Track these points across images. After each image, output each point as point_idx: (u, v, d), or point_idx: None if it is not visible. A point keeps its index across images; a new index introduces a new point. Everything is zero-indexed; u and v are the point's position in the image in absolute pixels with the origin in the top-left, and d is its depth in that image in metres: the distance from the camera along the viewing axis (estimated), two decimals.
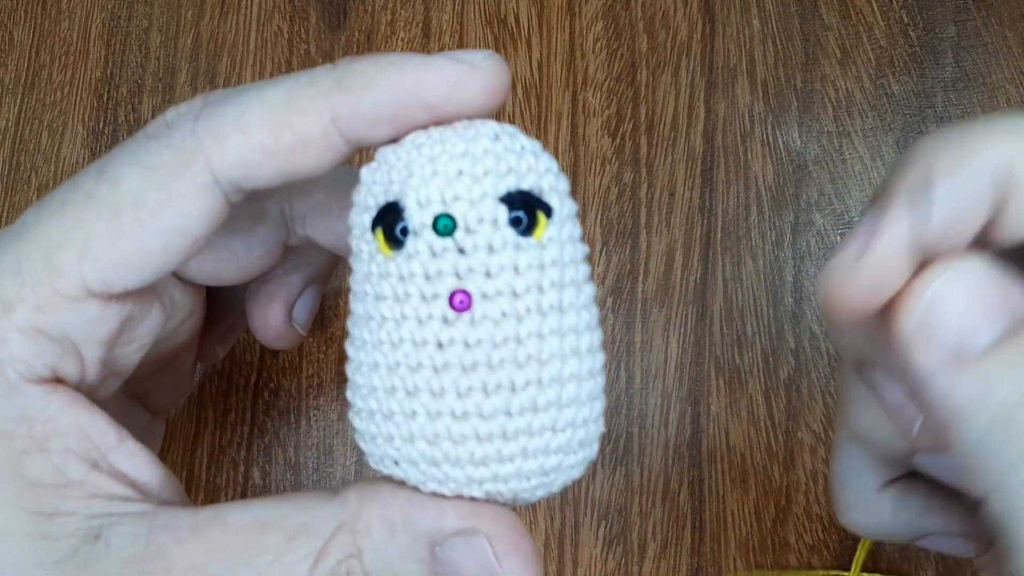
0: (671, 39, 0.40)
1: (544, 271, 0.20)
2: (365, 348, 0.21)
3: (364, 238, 0.21)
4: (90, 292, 0.21)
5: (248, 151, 0.20)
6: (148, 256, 0.21)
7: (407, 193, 0.20)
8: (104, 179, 0.21)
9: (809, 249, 0.37)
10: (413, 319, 0.20)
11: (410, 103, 0.20)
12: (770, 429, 0.35)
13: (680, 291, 0.37)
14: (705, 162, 0.38)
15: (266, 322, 0.29)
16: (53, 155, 0.39)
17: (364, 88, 0.20)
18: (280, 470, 0.35)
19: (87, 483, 0.21)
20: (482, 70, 0.20)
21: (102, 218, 0.21)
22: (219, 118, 0.21)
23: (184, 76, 0.40)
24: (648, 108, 0.39)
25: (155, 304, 0.24)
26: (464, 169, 0.20)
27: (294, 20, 0.40)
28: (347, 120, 0.20)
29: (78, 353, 0.22)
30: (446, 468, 0.20)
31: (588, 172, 0.38)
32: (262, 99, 0.21)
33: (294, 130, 0.20)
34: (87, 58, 0.40)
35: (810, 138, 0.38)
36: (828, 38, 0.39)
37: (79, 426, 0.21)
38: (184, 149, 0.21)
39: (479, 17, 0.40)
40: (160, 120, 0.22)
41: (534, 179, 0.20)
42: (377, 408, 0.20)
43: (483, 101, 0.21)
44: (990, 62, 0.39)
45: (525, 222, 0.20)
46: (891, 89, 0.39)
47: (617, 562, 0.34)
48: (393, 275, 0.20)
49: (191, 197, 0.21)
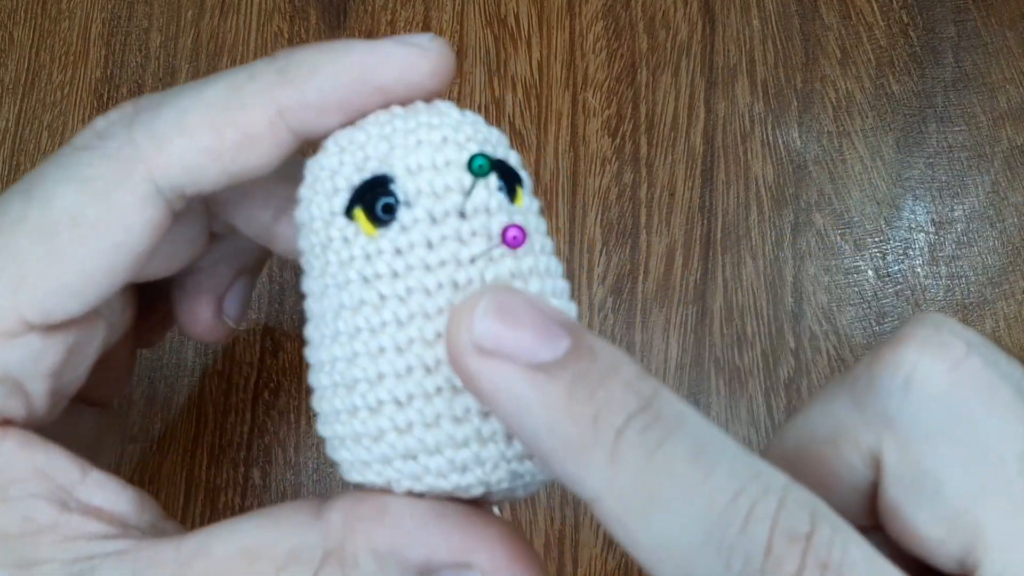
0: (671, 39, 0.39)
1: (532, 236, 0.20)
2: (359, 337, 0.19)
3: (335, 225, 0.20)
4: (29, 325, 0.20)
5: (191, 154, 0.19)
6: (90, 279, 0.20)
7: (394, 164, 0.19)
8: (34, 199, 0.20)
9: (809, 249, 0.37)
10: (421, 291, 0.19)
11: (360, 88, 0.20)
12: (770, 430, 0.35)
13: (680, 291, 0.37)
14: (705, 162, 0.38)
15: (195, 316, 0.27)
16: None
17: (309, 76, 0.20)
18: (280, 470, 0.35)
19: (59, 526, 0.19)
20: (431, 51, 0.20)
21: (36, 242, 0.19)
22: (157, 122, 0.20)
23: (184, 77, 0.40)
24: (648, 108, 0.39)
25: (99, 322, 0.22)
26: (448, 136, 0.19)
27: (294, 20, 0.40)
28: (294, 111, 0.20)
29: (22, 390, 0.20)
30: (464, 451, 0.19)
31: (588, 172, 0.38)
32: (201, 98, 0.20)
33: (239, 127, 0.19)
34: (87, 58, 0.40)
35: (810, 138, 0.38)
36: (828, 38, 0.39)
37: (38, 468, 0.20)
38: (121, 158, 0.19)
39: (479, 17, 0.40)
40: (89, 130, 0.21)
41: (504, 151, 0.20)
42: (388, 398, 0.19)
43: (432, 82, 0.20)
44: (990, 62, 0.39)
45: (505, 189, 0.20)
46: (891, 89, 0.39)
47: (617, 562, 0.34)
48: (386, 251, 0.19)
49: (133, 209, 0.19)
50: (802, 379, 0.35)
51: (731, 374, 0.36)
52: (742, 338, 0.36)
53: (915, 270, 0.37)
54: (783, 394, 0.35)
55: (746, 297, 0.36)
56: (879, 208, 0.37)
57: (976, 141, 0.38)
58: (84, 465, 0.21)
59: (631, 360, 0.17)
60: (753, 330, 0.36)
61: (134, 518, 0.21)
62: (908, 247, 0.37)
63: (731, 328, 0.36)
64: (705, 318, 0.36)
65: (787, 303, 0.36)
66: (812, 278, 0.37)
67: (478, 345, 0.16)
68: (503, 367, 0.16)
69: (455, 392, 0.18)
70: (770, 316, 0.36)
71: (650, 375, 0.17)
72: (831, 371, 0.35)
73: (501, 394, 0.16)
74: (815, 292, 0.36)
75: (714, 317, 0.36)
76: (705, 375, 0.36)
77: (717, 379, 0.36)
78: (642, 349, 0.36)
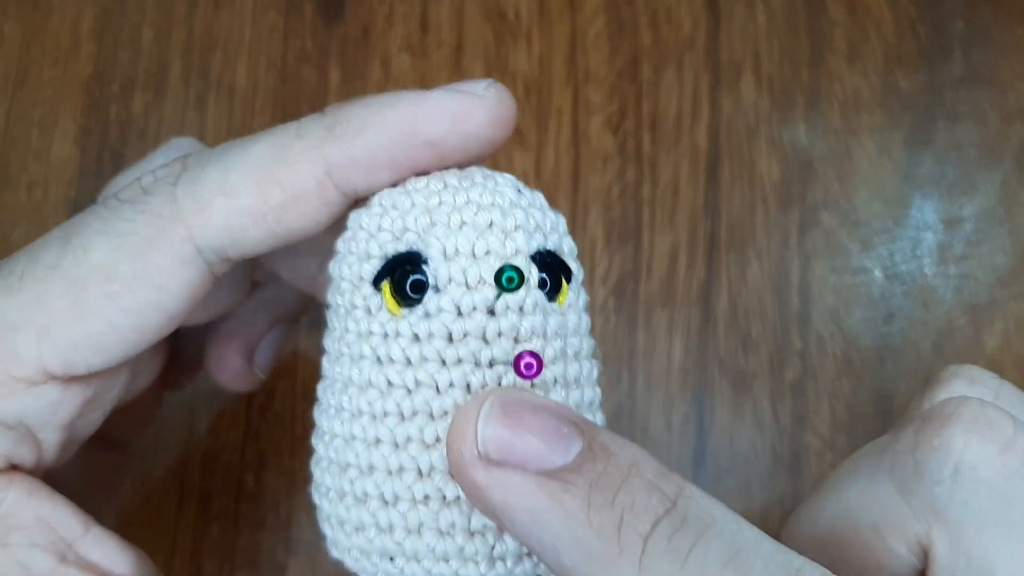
0: (674, 34, 0.39)
1: (567, 340, 0.18)
2: (359, 420, 0.18)
3: (360, 292, 0.18)
4: (49, 375, 0.19)
5: (234, 215, 0.19)
6: (117, 335, 0.19)
7: (430, 243, 0.18)
8: (70, 248, 0.19)
9: (816, 249, 0.36)
10: (430, 387, 0.17)
11: (410, 143, 0.18)
12: (775, 434, 0.34)
13: (684, 292, 0.36)
14: (709, 160, 0.37)
15: (224, 363, 0.27)
16: (44, 153, 0.38)
17: (358, 132, 0.18)
18: (274, 475, 0.35)
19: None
20: (486, 99, 0.19)
21: (65, 293, 0.19)
22: (200, 181, 0.19)
23: (177, 72, 0.39)
24: (651, 105, 0.38)
25: (122, 375, 0.22)
26: (495, 221, 0.18)
27: (289, 14, 0.39)
28: (342, 169, 0.18)
29: (34, 439, 0.20)
30: (456, 565, 0.18)
31: (589, 170, 0.37)
32: (246, 156, 0.19)
33: (283, 187, 0.18)
34: (78, 54, 0.39)
35: (816, 136, 0.37)
36: (835, 34, 0.39)
37: (41, 517, 0.20)
38: (162, 216, 0.19)
39: (478, 11, 0.39)
40: (135, 184, 0.20)
41: (556, 240, 0.19)
42: (375, 493, 0.18)
43: (490, 133, 0.19)
44: (999, 58, 0.38)
45: (549, 285, 0.18)
46: (899, 86, 0.38)
47: None
48: (404, 336, 0.18)
49: (169, 270, 0.19)
50: (808, 383, 0.35)
51: (736, 377, 0.35)
52: (747, 340, 0.35)
53: (923, 270, 0.36)
54: (789, 397, 0.35)
55: (751, 298, 0.36)
56: (887, 207, 0.37)
57: (985, 139, 0.37)
58: (87, 520, 0.20)
59: (648, 456, 0.16)
60: (758, 332, 0.35)
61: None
62: (916, 247, 0.36)
63: (736, 330, 0.35)
64: (709, 320, 0.36)
65: (793, 304, 0.36)
66: (819, 279, 0.36)
67: (485, 455, 0.16)
68: (513, 478, 0.15)
69: (443, 504, 0.17)
70: (776, 318, 0.35)
71: (671, 471, 0.16)
72: (838, 374, 0.35)
73: (514, 508, 0.15)
74: (821, 293, 0.36)
75: (718, 318, 0.36)
76: (709, 378, 0.35)
77: (722, 382, 0.35)
78: (645, 352, 0.35)
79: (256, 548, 0.34)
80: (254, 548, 0.34)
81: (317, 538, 0.34)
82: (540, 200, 0.19)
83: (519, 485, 0.15)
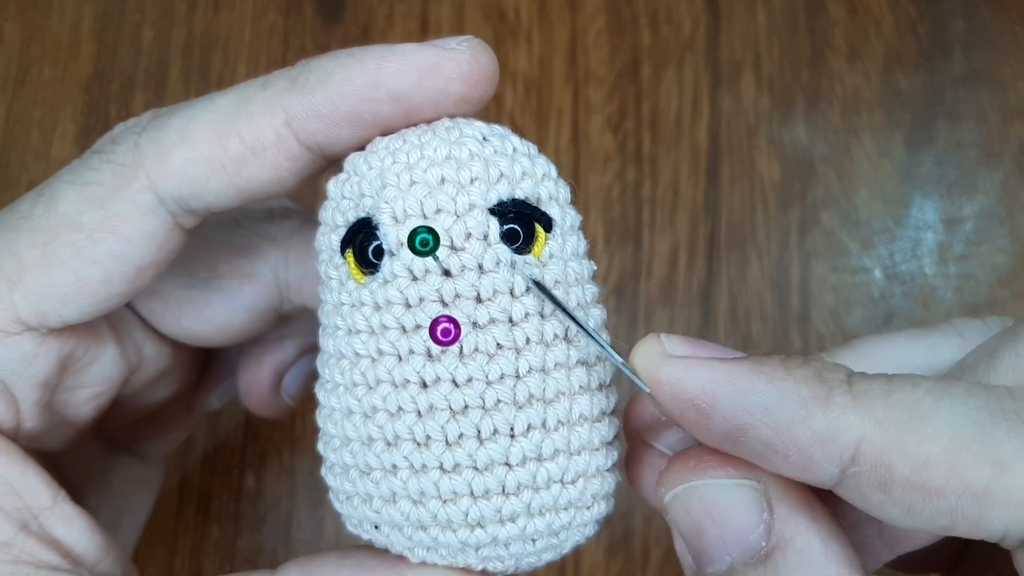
0: (675, 34, 0.39)
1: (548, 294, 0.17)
2: (336, 392, 0.18)
3: (332, 262, 0.18)
4: (24, 325, 0.19)
5: (192, 164, 0.18)
6: (86, 286, 0.19)
7: (381, 207, 0.17)
8: (41, 199, 0.19)
9: (816, 248, 0.36)
10: (391, 355, 0.17)
11: (373, 95, 0.18)
12: None
13: (684, 292, 0.36)
14: (709, 160, 0.37)
15: (253, 387, 0.26)
16: (44, 152, 0.38)
17: (320, 83, 0.18)
18: (274, 475, 0.34)
19: (13, 546, 0.19)
20: (456, 52, 0.18)
21: (35, 243, 0.19)
22: (163, 130, 0.19)
23: (177, 72, 0.39)
24: (651, 104, 0.38)
25: (108, 347, 0.22)
26: (447, 176, 0.17)
27: (289, 14, 0.39)
28: (302, 121, 0.18)
29: (9, 394, 0.20)
30: (435, 532, 0.17)
31: (590, 170, 0.37)
32: (210, 106, 0.18)
33: (243, 137, 0.18)
34: (78, 54, 0.39)
35: (817, 135, 0.37)
36: (835, 33, 0.39)
37: (8, 481, 0.19)
38: (125, 164, 0.19)
39: (478, 11, 0.39)
40: (107, 135, 0.20)
41: (530, 186, 0.18)
42: (352, 462, 0.18)
43: (460, 89, 0.18)
44: (999, 58, 0.38)
45: (522, 236, 0.17)
46: (899, 85, 0.38)
47: (619, 568, 0.33)
48: (367, 304, 0.17)
49: (131, 219, 0.19)
50: None
51: None
52: (747, 340, 0.35)
53: (923, 270, 0.36)
54: None
55: (751, 298, 0.36)
56: (887, 207, 0.37)
57: (986, 138, 0.37)
58: (58, 493, 0.20)
59: None
60: (759, 332, 0.35)
61: (92, 561, 0.20)
62: (917, 246, 0.36)
63: (736, 330, 0.35)
64: (709, 319, 0.35)
65: (793, 304, 0.36)
66: (819, 278, 0.36)
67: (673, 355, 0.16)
68: (709, 362, 0.16)
69: (412, 472, 0.17)
70: (776, 317, 0.35)
71: None
72: None
73: (717, 384, 0.16)
74: (822, 293, 0.36)
75: (719, 318, 0.35)
76: None
77: None
78: None
79: (256, 548, 0.34)
80: (254, 548, 0.34)
81: (317, 538, 0.34)
82: (513, 145, 0.18)
83: (716, 366, 0.16)
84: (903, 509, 0.15)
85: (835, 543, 0.16)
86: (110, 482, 0.26)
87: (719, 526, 0.16)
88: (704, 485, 0.17)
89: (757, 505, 0.16)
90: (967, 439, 0.14)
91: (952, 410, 0.15)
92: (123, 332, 0.23)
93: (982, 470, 0.14)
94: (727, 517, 0.16)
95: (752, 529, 0.16)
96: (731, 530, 0.16)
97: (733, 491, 0.16)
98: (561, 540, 0.18)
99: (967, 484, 0.14)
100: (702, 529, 0.16)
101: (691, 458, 0.17)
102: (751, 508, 0.16)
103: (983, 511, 0.14)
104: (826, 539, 0.16)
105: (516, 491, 0.17)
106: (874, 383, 0.15)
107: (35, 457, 0.20)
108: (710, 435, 0.16)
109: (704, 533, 0.16)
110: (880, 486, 0.15)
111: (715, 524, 0.16)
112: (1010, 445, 0.14)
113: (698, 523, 0.17)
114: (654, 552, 0.34)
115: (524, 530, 0.17)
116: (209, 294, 0.23)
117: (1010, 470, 0.14)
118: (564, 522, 0.18)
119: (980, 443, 0.14)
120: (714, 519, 0.16)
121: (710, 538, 0.16)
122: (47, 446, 0.22)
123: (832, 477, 0.15)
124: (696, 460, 0.17)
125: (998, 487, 0.14)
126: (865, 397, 0.15)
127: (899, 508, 0.15)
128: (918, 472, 0.14)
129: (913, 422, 0.15)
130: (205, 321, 0.23)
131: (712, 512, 0.16)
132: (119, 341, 0.22)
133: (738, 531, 0.16)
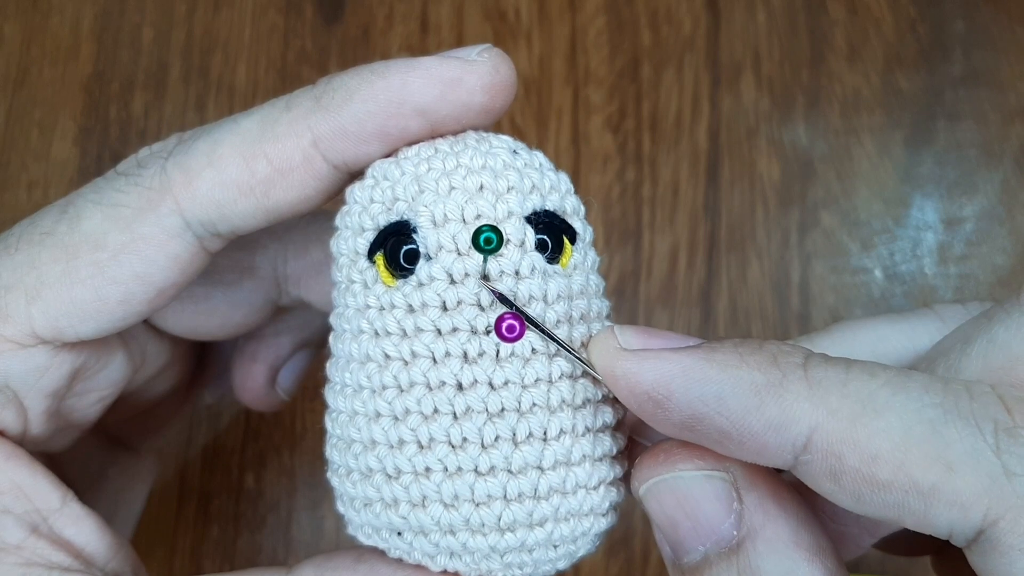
0: (674, 34, 0.39)
1: (572, 302, 0.18)
2: (360, 395, 0.18)
3: (356, 267, 0.18)
4: (39, 338, 0.19)
5: (220, 188, 0.18)
6: (105, 305, 0.19)
7: (419, 211, 0.17)
8: (65, 216, 0.19)
9: (816, 249, 0.36)
10: (426, 357, 0.17)
11: (398, 111, 0.18)
12: None
13: (684, 292, 0.36)
14: (709, 160, 0.37)
15: (248, 382, 0.27)
16: (44, 152, 0.38)
17: (345, 102, 0.18)
18: (274, 475, 0.34)
19: (24, 548, 0.19)
20: (478, 64, 0.18)
21: (57, 260, 0.19)
22: (190, 154, 0.19)
23: (177, 72, 0.39)
24: (651, 105, 0.38)
25: (118, 354, 0.22)
26: (486, 184, 0.17)
27: (289, 14, 0.39)
28: (329, 140, 0.18)
29: (19, 403, 0.20)
30: (464, 536, 0.17)
31: (589, 170, 0.37)
32: (236, 129, 0.19)
33: (270, 159, 0.18)
34: (78, 54, 0.39)
35: (817, 135, 0.37)
36: (835, 33, 0.39)
37: (18, 484, 0.19)
38: (152, 188, 0.19)
39: (478, 11, 0.39)
40: (132, 157, 0.20)
41: (557, 199, 0.18)
42: (378, 466, 0.18)
43: (483, 100, 0.18)
44: (999, 58, 0.38)
45: (550, 246, 0.18)
46: (899, 85, 0.38)
47: (619, 568, 0.33)
48: (399, 307, 0.17)
49: (157, 242, 0.19)
50: None
51: None
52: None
53: (923, 270, 0.36)
54: None
55: (751, 298, 0.36)
56: (887, 207, 0.37)
57: (986, 139, 0.37)
58: (67, 495, 0.20)
59: None
60: (759, 332, 0.35)
61: (102, 560, 0.20)
62: (916, 246, 0.36)
63: (736, 330, 0.35)
64: (709, 320, 0.35)
65: (793, 304, 0.36)
66: (819, 278, 0.36)
67: (627, 349, 0.16)
68: (661, 354, 0.16)
69: (446, 475, 0.17)
70: (776, 318, 0.35)
71: None
72: None
73: (670, 375, 0.16)
74: (822, 293, 0.36)
75: (719, 319, 0.35)
76: None
77: None
78: None
79: (256, 548, 0.34)
80: (254, 548, 0.34)
81: (317, 538, 0.34)
82: (540, 160, 0.18)
83: (668, 357, 0.16)
84: (853, 497, 0.15)
85: (805, 531, 0.16)
86: (106, 477, 0.26)
87: (691, 518, 0.16)
88: (674, 478, 0.17)
89: (727, 495, 0.16)
90: (918, 437, 0.14)
91: (907, 405, 0.15)
92: (128, 335, 0.23)
93: (929, 470, 0.14)
94: (698, 509, 0.16)
95: (723, 520, 0.16)
96: (703, 521, 0.16)
97: (702, 483, 0.17)
98: (577, 547, 0.18)
99: (914, 482, 0.14)
100: (675, 521, 0.17)
101: (661, 451, 0.17)
102: (721, 499, 0.16)
103: (929, 509, 0.14)
104: (795, 527, 0.16)
105: (547, 495, 0.17)
106: (831, 369, 0.15)
107: (39, 459, 0.20)
108: (669, 425, 0.16)
109: (678, 525, 0.17)
110: (830, 475, 0.15)
111: (687, 516, 0.17)
112: (960, 446, 0.14)
113: (671, 515, 0.17)
114: (654, 552, 0.34)
115: (551, 535, 0.17)
116: (210, 288, 0.23)
117: (957, 472, 0.14)
118: (584, 528, 0.18)
119: (930, 442, 0.14)
120: (686, 511, 0.17)
121: (684, 530, 0.17)
122: (51, 448, 0.22)
123: (787, 462, 0.15)
124: (666, 453, 0.17)
125: (944, 488, 0.14)
126: (820, 385, 0.15)
127: (848, 496, 0.15)
128: (867, 465, 0.14)
129: (867, 414, 0.15)
130: (206, 315, 0.23)
131: (683, 504, 0.17)
132: (126, 344, 0.22)
133: (710, 522, 0.16)
